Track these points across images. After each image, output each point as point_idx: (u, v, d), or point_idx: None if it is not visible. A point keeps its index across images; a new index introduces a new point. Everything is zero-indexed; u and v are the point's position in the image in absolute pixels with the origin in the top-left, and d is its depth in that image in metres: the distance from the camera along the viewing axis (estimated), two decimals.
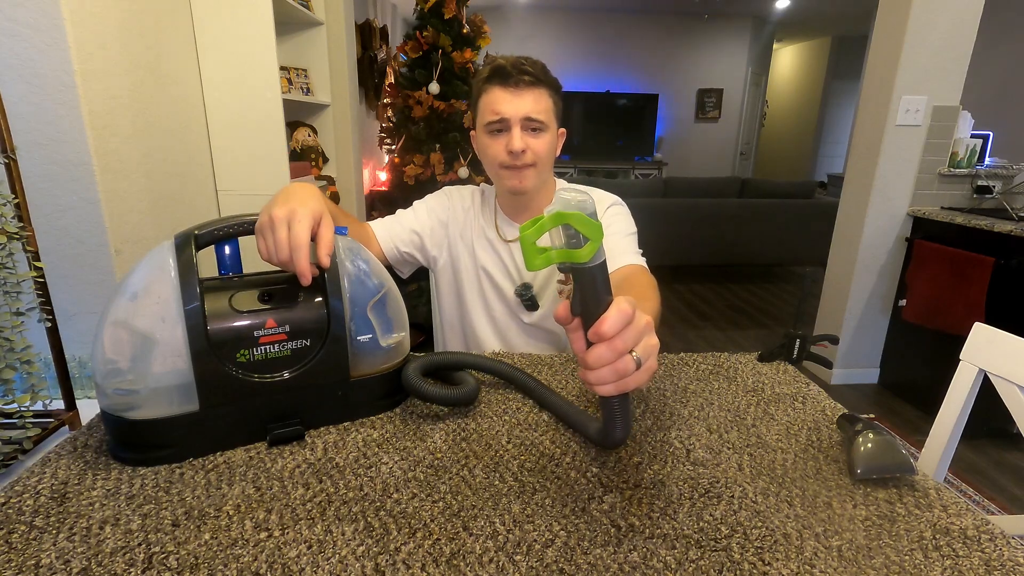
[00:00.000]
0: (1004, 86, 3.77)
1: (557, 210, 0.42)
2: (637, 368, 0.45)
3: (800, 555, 0.49)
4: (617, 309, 0.44)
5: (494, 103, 0.99)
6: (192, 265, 0.60)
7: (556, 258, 0.43)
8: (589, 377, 0.45)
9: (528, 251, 0.43)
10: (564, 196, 0.43)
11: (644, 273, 0.95)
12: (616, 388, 0.45)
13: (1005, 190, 2.53)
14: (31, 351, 1.17)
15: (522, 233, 0.43)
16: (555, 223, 0.42)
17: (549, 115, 1.01)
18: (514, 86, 0.98)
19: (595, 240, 0.42)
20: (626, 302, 0.44)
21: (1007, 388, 0.83)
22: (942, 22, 2.31)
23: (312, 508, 0.53)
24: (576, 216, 0.42)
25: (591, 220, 0.42)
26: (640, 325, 0.45)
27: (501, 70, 0.98)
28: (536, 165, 1.01)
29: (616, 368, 0.44)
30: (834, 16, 6.53)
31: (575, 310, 0.46)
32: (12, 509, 0.53)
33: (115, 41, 1.47)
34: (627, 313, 0.44)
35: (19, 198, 1.19)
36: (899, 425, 2.44)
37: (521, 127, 0.98)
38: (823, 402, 0.78)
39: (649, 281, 0.91)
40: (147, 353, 0.57)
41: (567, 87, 7.14)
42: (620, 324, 0.43)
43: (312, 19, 2.43)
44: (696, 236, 4.41)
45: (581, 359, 0.45)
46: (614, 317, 0.43)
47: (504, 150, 1.00)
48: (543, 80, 1.00)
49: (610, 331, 0.43)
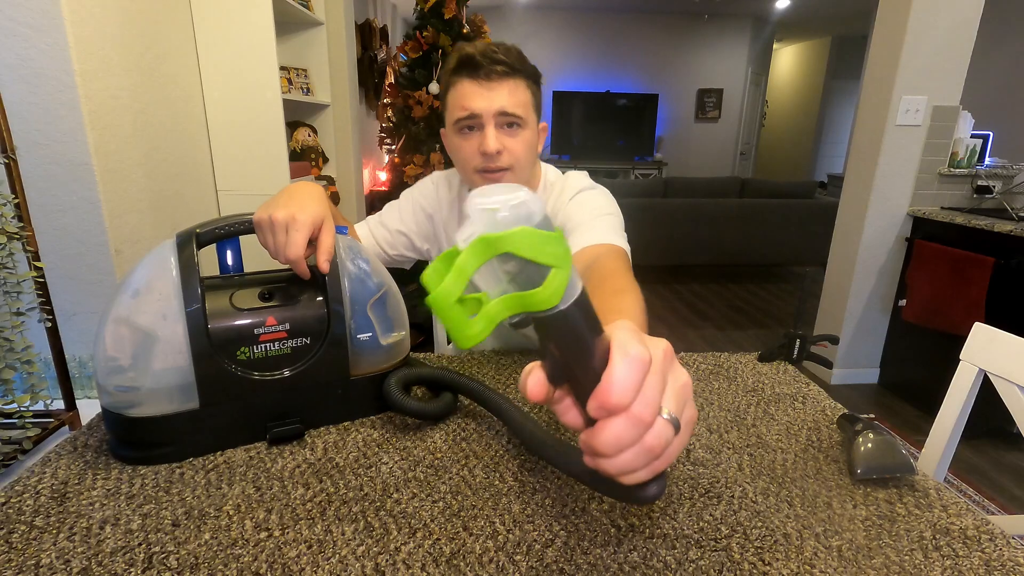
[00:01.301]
0: (1004, 86, 3.77)
1: (480, 233, 0.25)
2: (676, 432, 0.30)
3: (800, 555, 0.49)
4: (623, 357, 0.28)
5: (463, 98, 0.87)
6: (193, 263, 0.60)
7: (501, 313, 0.26)
8: (607, 467, 0.29)
9: (450, 318, 0.26)
10: (483, 204, 0.26)
11: (616, 255, 0.78)
12: (651, 472, 0.30)
13: (1005, 190, 2.53)
14: (31, 351, 1.17)
15: (431, 296, 0.26)
16: (481, 257, 0.25)
17: (527, 109, 0.89)
18: (485, 78, 0.85)
19: (560, 265, 0.26)
20: (628, 335, 0.29)
21: (1007, 388, 0.83)
22: (942, 22, 2.31)
23: (312, 508, 0.53)
24: (516, 236, 0.25)
25: (543, 233, 0.25)
26: (660, 363, 0.30)
27: (470, 60, 0.86)
28: (513, 168, 0.90)
29: (646, 447, 0.29)
30: (834, 16, 6.53)
31: (555, 378, 0.30)
32: (12, 509, 0.53)
33: (115, 41, 1.47)
34: (640, 358, 0.28)
35: (19, 198, 1.19)
36: (899, 425, 2.44)
37: (496, 124, 0.87)
38: (823, 402, 0.78)
39: (623, 266, 0.74)
40: (148, 350, 0.58)
41: (567, 87, 7.18)
42: (635, 379, 0.28)
43: (312, 19, 2.43)
44: (696, 236, 4.40)
45: (587, 444, 0.29)
46: (623, 372, 0.27)
47: (477, 151, 0.89)
48: (519, 69, 0.88)
49: (623, 397, 0.27)
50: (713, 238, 4.41)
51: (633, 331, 0.30)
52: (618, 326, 0.30)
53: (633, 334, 0.29)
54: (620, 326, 0.30)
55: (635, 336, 0.29)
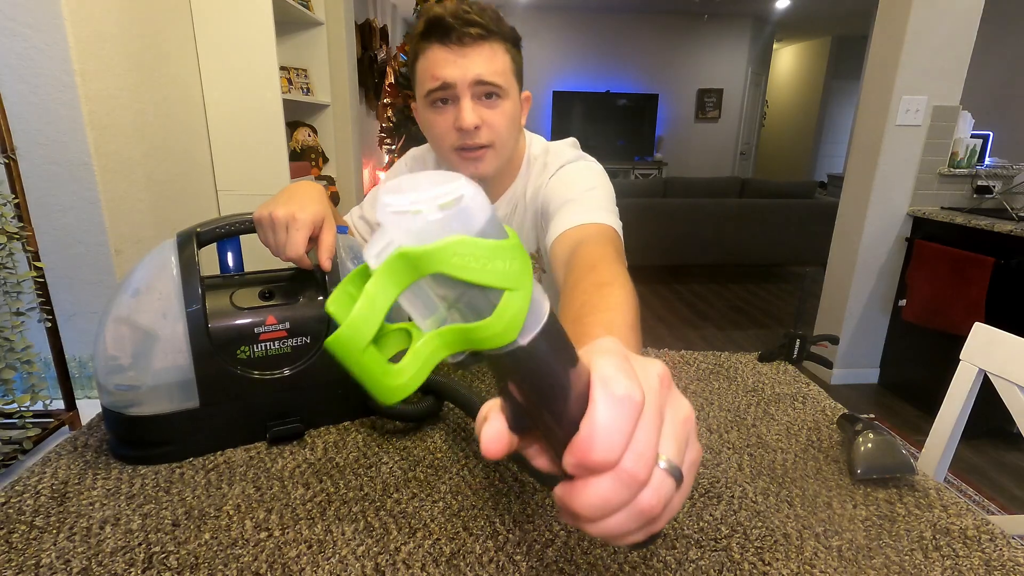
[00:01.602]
0: (1004, 86, 3.77)
1: (397, 246, 0.18)
2: (677, 484, 0.23)
3: (800, 555, 0.49)
4: (607, 397, 0.21)
5: (434, 66, 0.76)
6: (194, 262, 0.60)
7: (437, 352, 0.20)
8: (589, 531, 0.23)
9: (362, 366, 0.19)
10: (398, 205, 0.18)
11: (603, 237, 0.68)
12: (645, 534, 0.24)
13: (1005, 190, 2.53)
14: (31, 351, 1.18)
15: (331, 338, 0.18)
16: (401, 280, 0.18)
17: (507, 76, 0.78)
18: (458, 42, 0.75)
19: (515, 286, 0.19)
20: (612, 365, 0.22)
21: (1007, 388, 0.83)
22: (942, 22, 2.31)
23: (312, 508, 0.53)
24: (448, 249, 0.18)
25: (489, 244, 0.18)
26: (656, 397, 0.23)
27: (439, 23, 0.74)
28: (494, 145, 0.80)
29: (641, 509, 0.22)
30: (834, 16, 6.53)
31: (518, 425, 0.23)
32: (12, 509, 0.53)
33: (115, 41, 1.47)
34: (629, 397, 0.21)
35: (19, 198, 1.19)
36: (899, 425, 2.44)
37: (472, 95, 0.76)
38: (823, 402, 0.78)
39: (610, 252, 0.64)
40: (148, 349, 0.58)
41: (567, 87, 7.18)
42: (624, 426, 0.21)
43: (312, 19, 2.43)
44: (696, 236, 4.40)
45: (563, 503, 0.23)
46: (608, 419, 0.21)
47: (452, 127, 0.78)
48: (495, 31, 0.77)
49: (609, 451, 0.21)
50: (713, 238, 4.41)
51: (618, 357, 0.22)
52: (599, 350, 0.23)
53: (618, 362, 0.22)
54: (602, 350, 0.23)
55: (621, 365, 0.22)
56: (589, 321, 0.47)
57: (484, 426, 0.24)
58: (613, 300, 0.50)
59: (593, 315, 0.48)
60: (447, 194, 0.19)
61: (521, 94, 0.84)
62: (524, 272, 0.19)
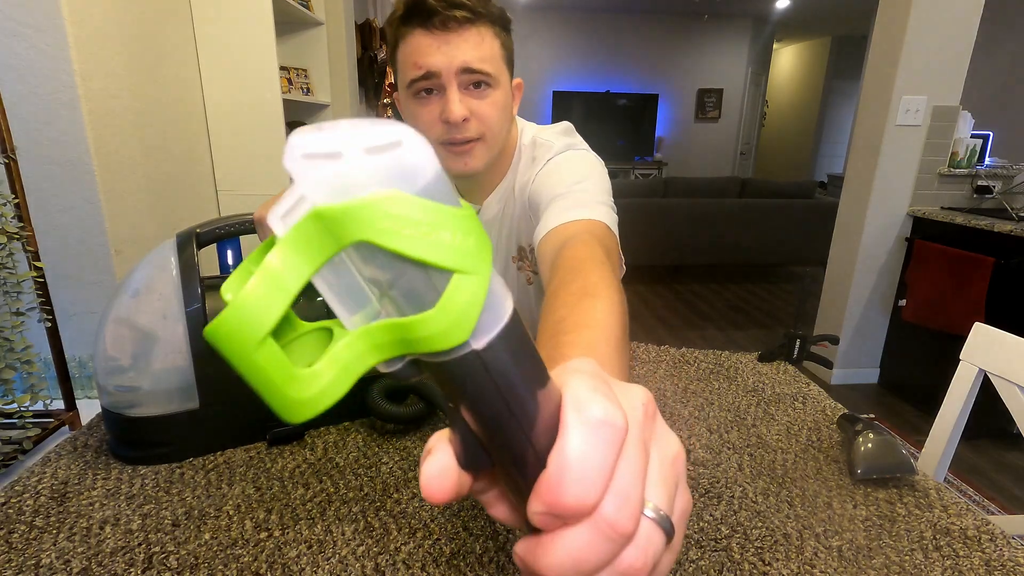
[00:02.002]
0: (1004, 86, 3.77)
1: (314, 204, 0.13)
2: (667, 540, 0.18)
3: (800, 555, 0.49)
4: (581, 425, 0.17)
5: (416, 53, 0.69)
6: (193, 263, 0.60)
7: (364, 357, 0.16)
8: None
9: (258, 370, 0.15)
10: (312, 147, 0.13)
11: (591, 236, 0.61)
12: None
13: (1005, 190, 2.53)
14: (31, 351, 1.17)
15: (210, 326, 0.15)
16: (317, 252, 0.14)
17: (497, 63, 0.72)
18: (441, 27, 0.68)
19: (468, 268, 0.14)
20: (587, 386, 0.18)
21: (1007, 388, 0.83)
22: (942, 22, 2.31)
23: (312, 508, 0.53)
24: (379, 207, 0.13)
25: (434, 206, 0.14)
26: (639, 428, 0.19)
27: (420, 5, 0.68)
28: (485, 137, 0.74)
29: (620, 572, 0.17)
30: (834, 16, 6.53)
31: (471, 460, 0.19)
32: (12, 509, 0.53)
33: (115, 41, 1.47)
34: (609, 423, 0.17)
35: (19, 198, 1.19)
36: (899, 425, 2.43)
37: (459, 84, 0.70)
38: (823, 402, 0.78)
39: (598, 253, 0.56)
40: (148, 350, 0.58)
41: (567, 87, 7.18)
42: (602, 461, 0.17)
43: (312, 19, 2.43)
44: (696, 236, 4.40)
45: (524, 563, 0.19)
46: (582, 451, 0.16)
47: (438, 119, 0.71)
48: (483, 13, 0.70)
49: (585, 493, 0.16)
50: (713, 238, 4.41)
51: (595, 378, 0.18)
52: (573, 370, 0.19)
53: (596, 384, 0.18)
54: (575, 370, 0.19)
55: (599, 387, 0.18)
56: (567, 340, 0.39)
57: (426, 461, 0.19)
58: (596, 315, 0.42)
59: (572, 333, 0.40)
60: (379, 136, 0.13)
61: (512, 81, 0.78)
62: (480, 252, 0.14)
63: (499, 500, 0.20)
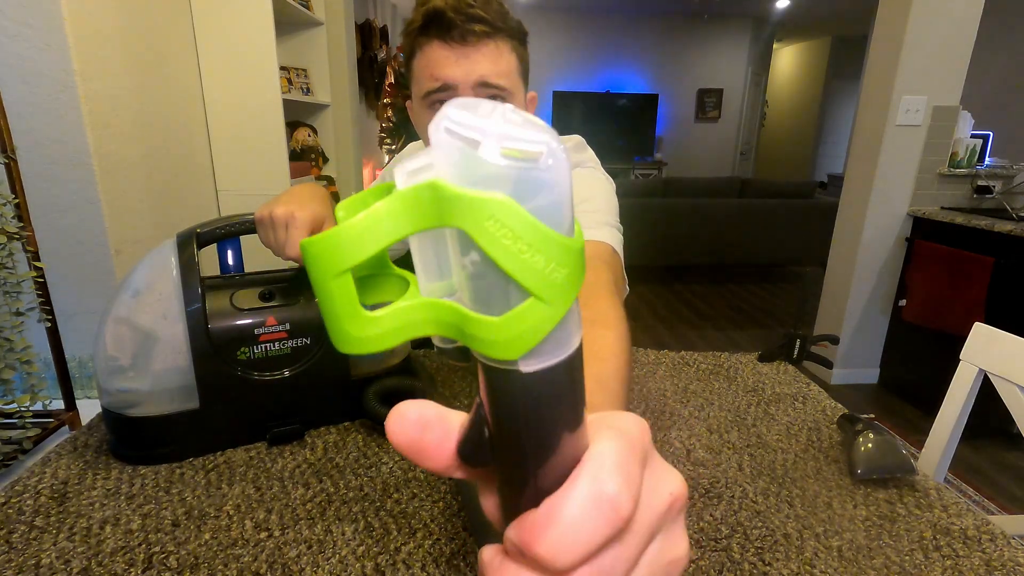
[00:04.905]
0: (1004, 86, 3.77)
1: (436, 175, 0.14)
2: None
3: (800, 555, 0.49)
4: (589, 491, 0.16)
5: (434, 65, 0.70)
6: (194, 263, 0.60)
7: (423, 325, 0.16)
8: None
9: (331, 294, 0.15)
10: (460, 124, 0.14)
11: (599, 261, 0.62)
12: None
13: (1005, 190, 2.53)
14: (31, 351, 1.18)
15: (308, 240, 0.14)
16: (418, 218, 0.14)
17: (513, 78, 0.72)
18: (460, 40, 0.68)
19: (547, 297, 0.14)
20: (614, 457, 0.16)
21: (1007, 388, 0.83)
22: (942, 22, 2.31)
23: (312, 508, 0.53)
24: (487, 208, 0.13)
25: (543, 229, 0.14)
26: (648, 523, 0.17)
27: (439, 17, 0.68)
28: None
29: None
30: (834, 16, 6.53)
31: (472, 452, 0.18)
32: (12, 509, 0.53)
33: (115, 41, 1.47)
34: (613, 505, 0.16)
35: (19, 198, 1.19)
36: (899, 425, 2.43)
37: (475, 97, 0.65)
38: (823, 402, 0.78)
39: (604, 279, 0.57)
40: (148, 350, 0.58)
41: (567, 87, 7.18)
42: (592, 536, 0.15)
43: (312, 19, 2.44)
44: (696, 236, 4.40)
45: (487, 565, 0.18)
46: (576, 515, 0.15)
47: None
48: (502, 28, 0.70)
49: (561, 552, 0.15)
50: (713, 238, 4.41)
51: (630, 452, 0.17)
52: (614, 428, 0.17)
53: (626, 457, 0.17)
54: (617, 430, 0.17)
55: (627, 463, 0.16)
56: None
57: (404, 404, 0.17)
58: (605, 346, 0.44)
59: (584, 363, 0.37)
60: (523, 140, 0.13)
61: (527, 95, 0.80)
62: (567, 287, 0.15)
63: (491, 494, 0.20)
